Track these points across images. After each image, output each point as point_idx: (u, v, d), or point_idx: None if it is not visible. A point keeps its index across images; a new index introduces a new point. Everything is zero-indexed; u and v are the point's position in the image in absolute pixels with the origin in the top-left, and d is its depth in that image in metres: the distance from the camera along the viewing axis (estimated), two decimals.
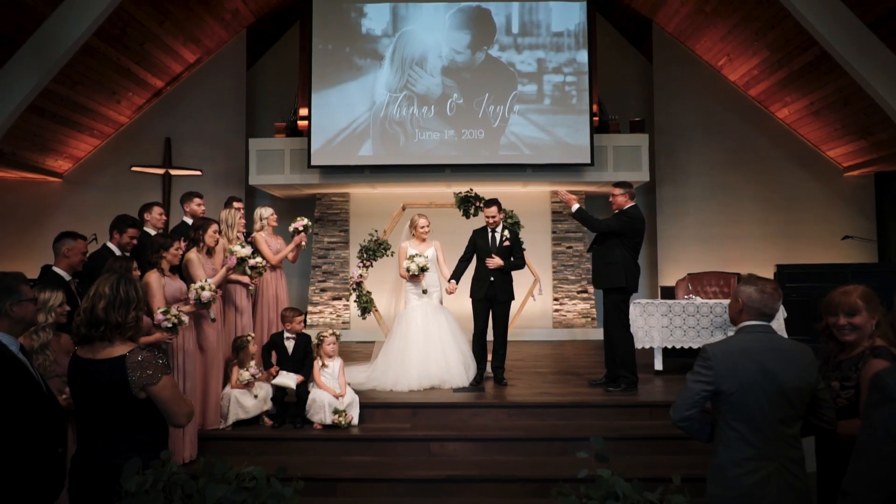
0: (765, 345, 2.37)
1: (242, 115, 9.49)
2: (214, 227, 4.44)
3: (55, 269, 3.91)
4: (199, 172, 9.06)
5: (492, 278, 5.28)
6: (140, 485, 1.96)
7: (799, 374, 2.33)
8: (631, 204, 5.04)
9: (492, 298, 5.33)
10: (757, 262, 8.56)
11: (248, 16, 9.28)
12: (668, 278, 8.96)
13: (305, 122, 8.37)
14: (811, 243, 8.59)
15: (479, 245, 5.43)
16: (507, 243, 5.38)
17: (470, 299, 5.43)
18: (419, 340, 5.32)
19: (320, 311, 9.18)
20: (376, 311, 6.43)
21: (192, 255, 4.24)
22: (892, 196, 8.36)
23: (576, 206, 5.31)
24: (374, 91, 8.05)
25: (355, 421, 4.52)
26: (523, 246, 6.60)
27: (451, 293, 5.45)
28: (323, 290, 9.24)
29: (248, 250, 4.60)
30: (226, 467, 2.15)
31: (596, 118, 8.42)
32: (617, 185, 5.16)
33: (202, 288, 3.98)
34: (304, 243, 5.42)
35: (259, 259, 4.64)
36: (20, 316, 2.40)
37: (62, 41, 6.37)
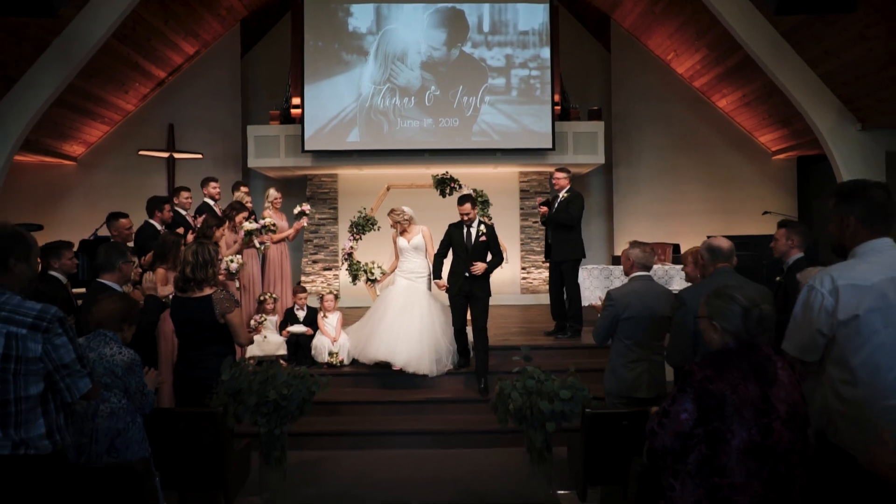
0: (646, 288, 3.56)
1: (238, 101, 10.36)
2: (245, 213, 5.53)
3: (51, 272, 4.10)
4: (200, 156, 9.95)
5: (467, 273, 5.27)
6: (233, 374, 3.07)
7: (664, 307, 3.51)
8: (568, 185, 6.19)
9: (468, 294, 5.31)
10: (698, 234, 9.76)
11: (242, 10, 10.09)
12: (622, 249, 10.15)
13: (298, 111, 9.30)
14: (744, 217, 9.84)
15: (454, 240, 5.40)
16: (483, 239, 5.35)
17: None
18: (393, 320, 5.40)
19: (312, 280, 10.22)
20: (371, 286, 6.96)
21: (223, 229, 5.31)
22: (812, 177, 9.62)
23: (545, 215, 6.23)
24: (360, 84, 9.00)
25: (346, 361, 5.62)
26: (492, 222, 7.72)
27: (442, 289, 5.49)
28: (315, 261, 10.27)
29: (255, 225, 5.74)
30: (280, 367, 3.28)
31: (558, 107, 9.47)
32: (559, 169, 6.28)
33: (231, 261, 5.08)
34: (305, 224, 6.48)
35: (266, 220, 5.78)
36: (126, 272, 3.46)
37: (85, 41, 7.20)
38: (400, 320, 5.41)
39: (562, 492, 3.86)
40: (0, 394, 1.87)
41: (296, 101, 9.37)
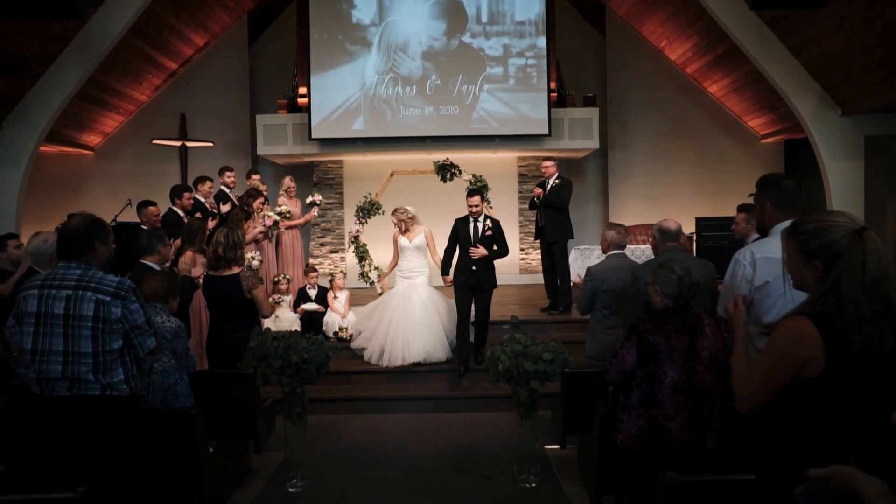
0: (621, 264, 4.03)
1: (247, 91, 10.76)
2: (261, 199, 6.00)
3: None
4: (211, 144, 10.37)
5: (473, 267, 5.37)
6: (260, 341, 3.55)
7: (631, 279, 3.98)
8: (556, 173, 6.65)
9: (474, 287, 5.42)
10: (689, 215, 10.16)
11: (249, 2, 10.47)
12: None
13: (305, 100, 9.71)
14: (733, 199, 10.13)
15: (460, 234, 5.48)
16: (489, 233, 5.44)
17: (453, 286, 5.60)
18: (400, 325, 5.62)
19: (320, 262, 10.69)
20: (376, 280, 7.30)
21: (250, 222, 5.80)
22: (799, 160, 10.01)
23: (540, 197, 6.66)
24: (364, 73, 9.40)
25: (355, 336, 6.09)
26: (491, 205, 8.18)
27: (448, 284, 5.66)
28: (322, 244, 10.75)
29: (277, 216, 6.26)
30: (299, 335, 3.75)
31: (554, 94, 9.84)
32: (546, 159, 6.73)
33: (252, 258, 5.59)
34: (316, 214, 6.96)
35: (282, 208, 6.31)
36: (165, 255, 3.94)
37: (104, 37, 7.60)
38: (406, 322, 5.62)
39: (547, 446, 4.37)
40: (93, 346, 2.36)
41: (302, 90, 9.76)
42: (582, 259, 7.39)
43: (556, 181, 6.69)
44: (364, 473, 4.12)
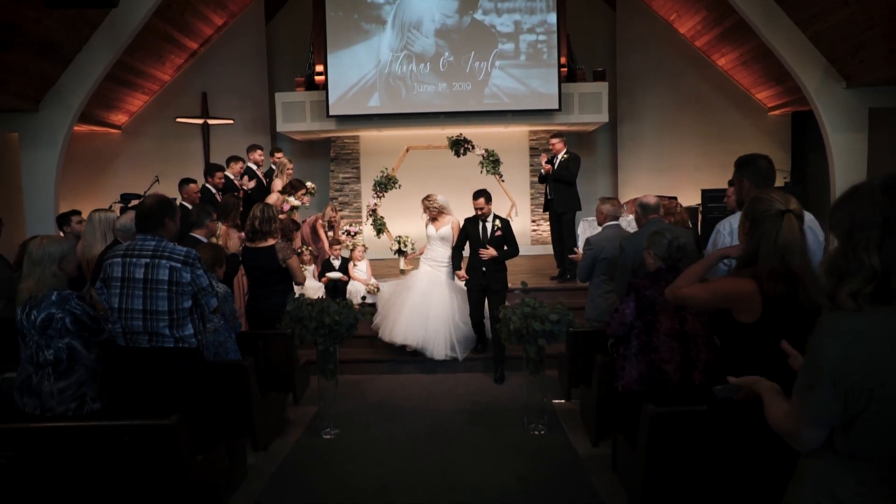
0: (616, 234, 4.40)
1: (265, 69, 11.06)
2: (303, 190, 6.40)
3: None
4: (231, 121, 10.74)
5: (483, 268, 5.40)
6: (296, 306, 3.97)
7: (619, 250, 4.34)
8: (564, 149, 6.96)
9: (485, 288, 5.45)
10: (697, 187, 10.43)
11: None
12: (625, 202, 10.86)
13: (321, 78, 10.00)
14: None
15: (471, 235, 5.48)
16: (499, 233, 5.43)
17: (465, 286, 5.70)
18: (414, 304, 5.71)
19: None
20: (407, 253, 7.80)
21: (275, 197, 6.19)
22: (807, 132, 10.18)
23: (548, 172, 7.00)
24: (379, 51, 9.66)
25: (382, 289, 6.51)
26: (503, 178, 8.52)
27: (462, 279, 5.71)
28: (340, 217, 11.16)
29: (298, 202, 6.65)
30: (331, 300, 4.17)
31: (564, 69, 10.05)
32: (554, 136, 7.03)
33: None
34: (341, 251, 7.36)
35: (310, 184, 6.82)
36: (212, 228, 4.35)
37: (131, 21, 7.92)
38: (418, 307, 5.72)
39: (554, 401, 4.80)
40: (169, 305, 2.80)
41: (319, 68, 10.05)
42: (590, 230, 7.70)
43: (566, 156, 7.01)
44: (389, 425, 4.57)
